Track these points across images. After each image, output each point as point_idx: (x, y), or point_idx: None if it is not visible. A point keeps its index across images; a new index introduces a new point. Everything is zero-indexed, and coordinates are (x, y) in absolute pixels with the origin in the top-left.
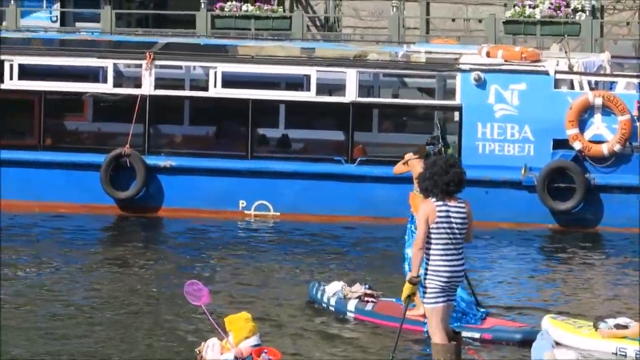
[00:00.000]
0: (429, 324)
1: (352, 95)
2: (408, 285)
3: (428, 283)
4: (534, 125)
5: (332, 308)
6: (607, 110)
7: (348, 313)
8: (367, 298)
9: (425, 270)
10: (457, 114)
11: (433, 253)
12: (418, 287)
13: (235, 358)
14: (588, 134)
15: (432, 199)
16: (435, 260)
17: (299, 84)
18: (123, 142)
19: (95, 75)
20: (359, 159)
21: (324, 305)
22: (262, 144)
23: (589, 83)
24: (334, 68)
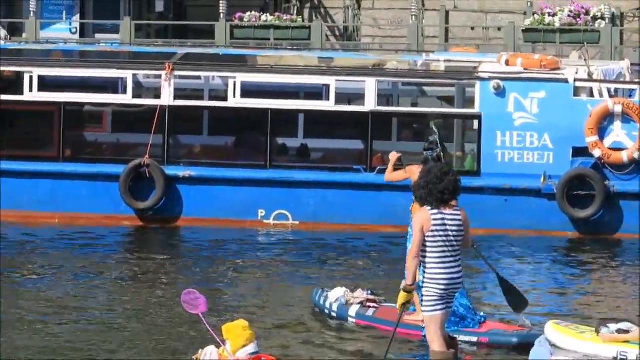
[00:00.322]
0: (428, 332)
1: (371, 105)
2: (403, 294)
3: (426, 291)
4: (554, 133)
5: (334, 314)
6: (626, 118)
7: (349, 319)
8: (369, 304)
9: (423, 278)
10: (476, 123)
11: (430, 261)
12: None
13: None
14: (607, 142)
15: (427, 208)
16: (433, 268)
17: (318, 94)
18: (142, 152)
19: (115, 86)
20: (378, 168)
21: (327, 312)
22: (281, 154)
23: (609, 91)
24: (353, 77)
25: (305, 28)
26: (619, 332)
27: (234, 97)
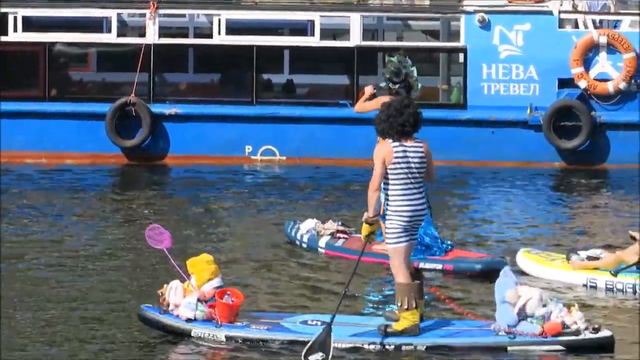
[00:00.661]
0: (392, 264)
1: (356, 40)
2: (365, 226)
3: (390, 223)
4: (539, 65)
5: (305, 245)
6: (611, 49)
7: (319, 249)
8: (339, 235)
9: (386, 211)
10: (461, 56)
11: (393, 194)
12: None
13: (198, 300)
14: (593, 73)
15: (389, 140)
16: (396, 201)
17: (303, 30)
18: (128, 91)
19: (99, 26)
20: None
21: (298, 243)
22: (267, 90)
23: (594, 22)
24: (338, 13)
25: None
26: (589, 259)
27: (219, 34)
